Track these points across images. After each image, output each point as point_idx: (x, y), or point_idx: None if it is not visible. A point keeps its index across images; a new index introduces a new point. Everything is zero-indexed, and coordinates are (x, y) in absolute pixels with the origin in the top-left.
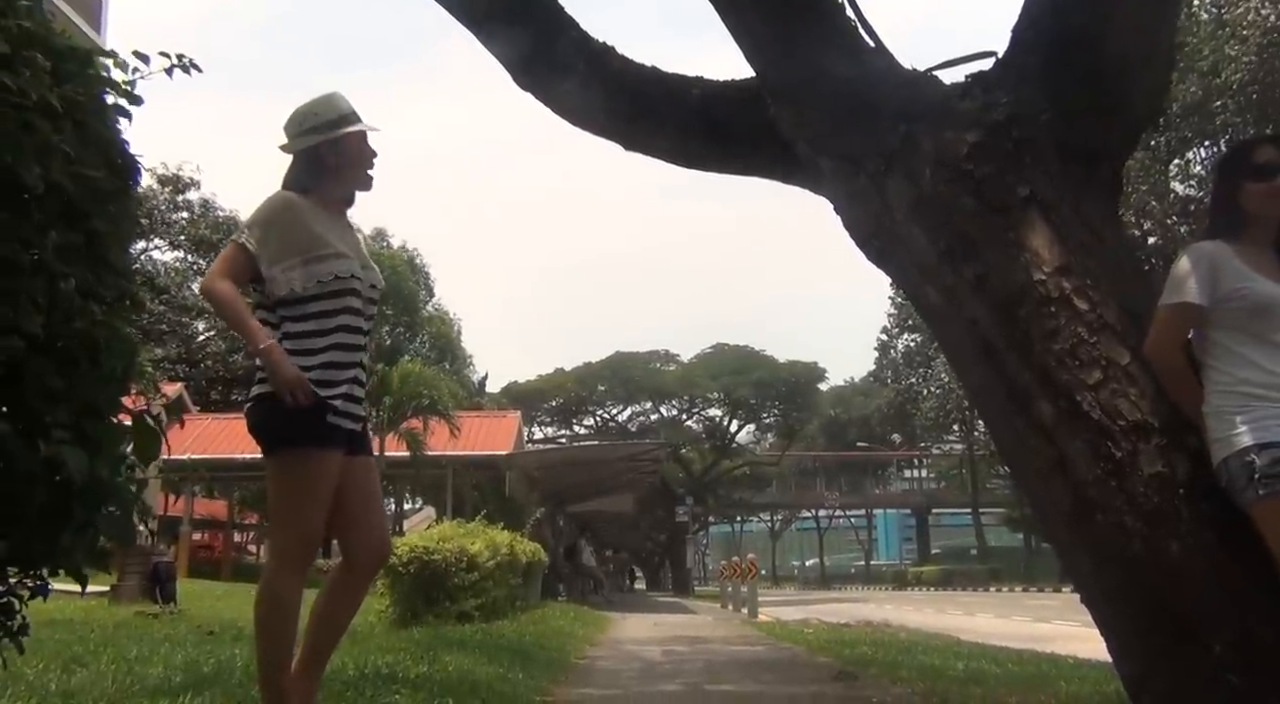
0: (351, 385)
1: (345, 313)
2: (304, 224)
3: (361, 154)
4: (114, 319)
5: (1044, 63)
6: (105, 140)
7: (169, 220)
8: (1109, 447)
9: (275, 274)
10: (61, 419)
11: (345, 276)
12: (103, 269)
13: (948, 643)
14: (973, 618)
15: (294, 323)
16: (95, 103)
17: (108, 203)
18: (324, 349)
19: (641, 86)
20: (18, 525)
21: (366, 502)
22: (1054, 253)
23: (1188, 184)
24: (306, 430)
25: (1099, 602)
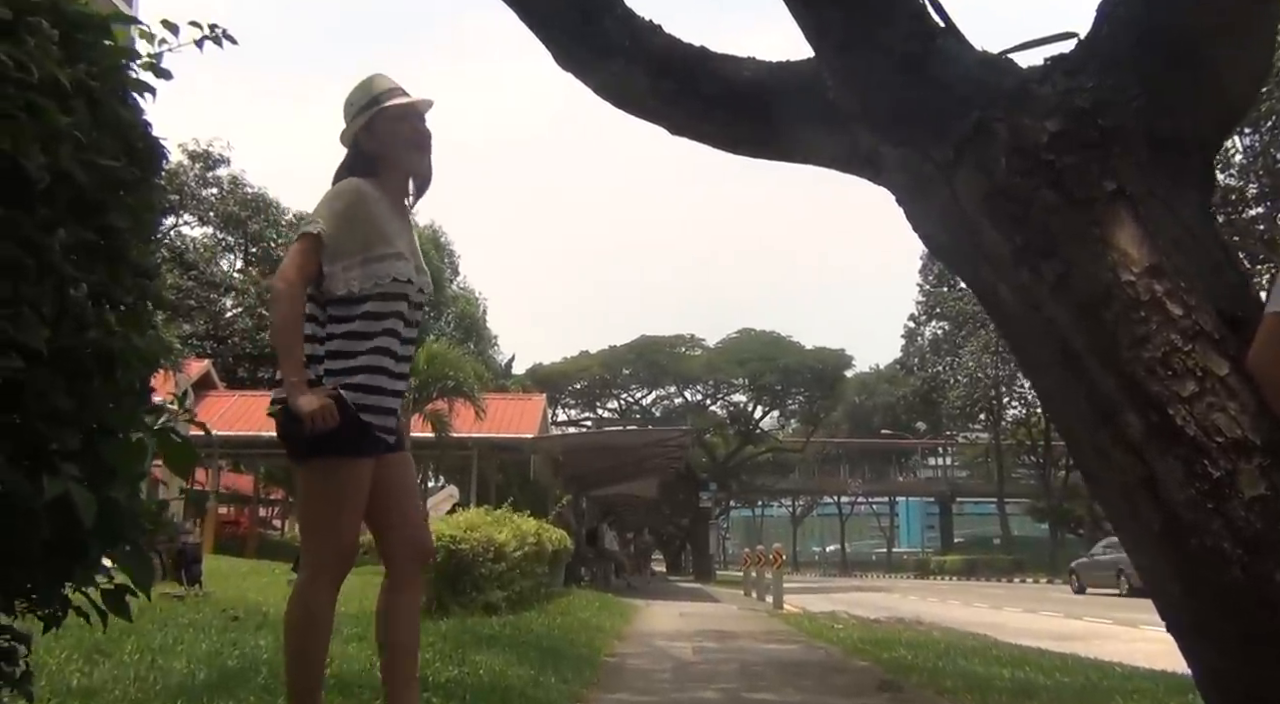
0: (390, 396)
1: (394, 317)
2: (371, 217)
3: (396, 134)
4: (132, 326)
5: (1134, 44)
6: (124, 123)
7: (199, 196)
8: (1205, 465)
9: (335, 271)
10: (70, 445)
11: (403, 280)
12: (120, 269)
13: (985, 644)
14: (1000, 612)
15: (339, 324)
16: (113, 79)
17: (126, 194)
18: (368, 352)
19: (689, 68)
20: (19, 566)
21: (403, 499)
22: (1144, 251)
23: (1228, 173)
24: (339, 439)
25: (1188, 632)
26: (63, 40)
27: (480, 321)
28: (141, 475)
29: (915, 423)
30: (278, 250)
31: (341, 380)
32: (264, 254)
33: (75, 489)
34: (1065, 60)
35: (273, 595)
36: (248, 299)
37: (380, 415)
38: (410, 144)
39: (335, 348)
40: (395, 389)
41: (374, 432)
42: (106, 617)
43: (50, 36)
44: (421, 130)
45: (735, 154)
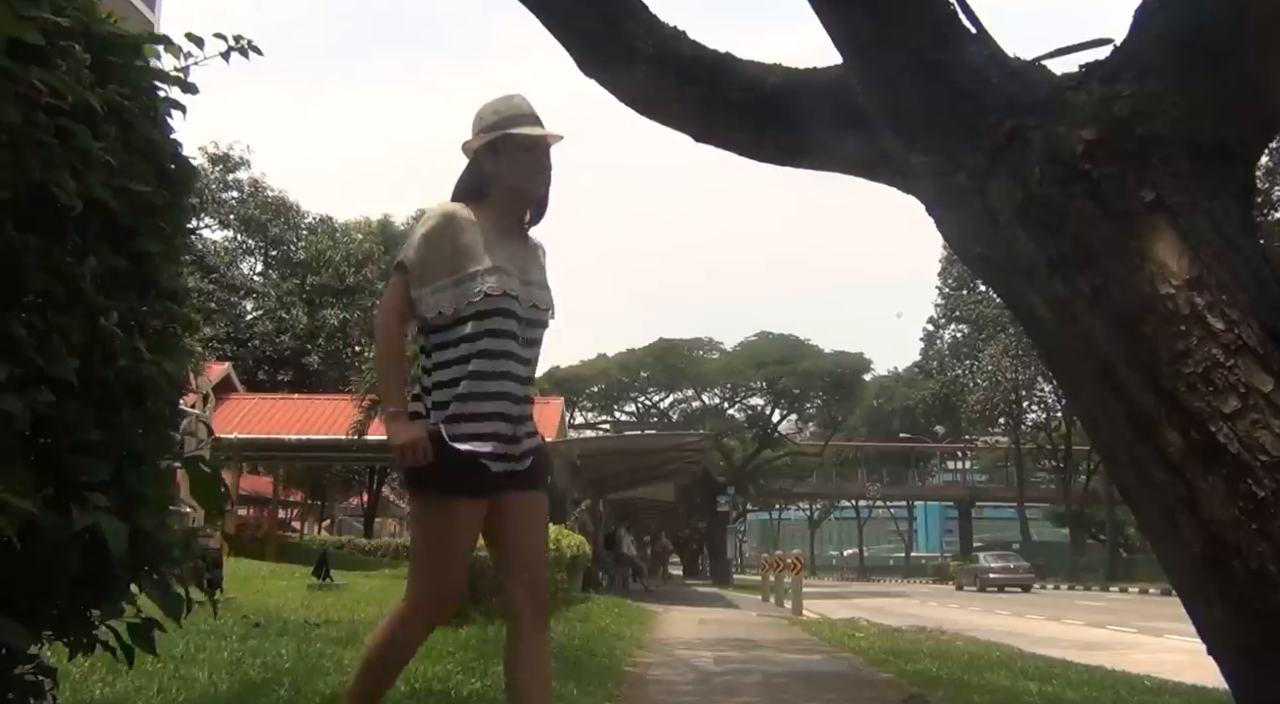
0: (501, 422)
1: (497, 336)
2: (458, 239)
3: (517, 162)
4: (162, 352)
5: (1172, 51)
6: (155, 145)
7: (219, 199)
8: (1249, 484)
9: (424, 295)
10: (99, 476)
11: (497, 294)
12: (151, 296)
13: (1010, 655)
14: (1022, 619)
15: (441, 351)
16: (143, 101)
17: (157, 218)
18: (469, 377)
19: (714, 74)
20: (46, 599)
21: (523, 546)
22: (1184, 264)
23: None
24: (438, 477)
25: (1233, 655)
26: (94, 62)
27: None
28: (170, 502)
29: (934, 426)
30: (298, 253)
31: (444, 412)
32: (284, 257)
33: (104, 519)
34: (1101, 67)
35: (293, 601)
36: (268, 302)
37: (488, 443)
38: (529, 175)
39: (439, 377)
40: (507, 413)
41: (481, 464)
42: (133, 654)
43: (82, 60)
44: (544, 164)
45: (760, 161)
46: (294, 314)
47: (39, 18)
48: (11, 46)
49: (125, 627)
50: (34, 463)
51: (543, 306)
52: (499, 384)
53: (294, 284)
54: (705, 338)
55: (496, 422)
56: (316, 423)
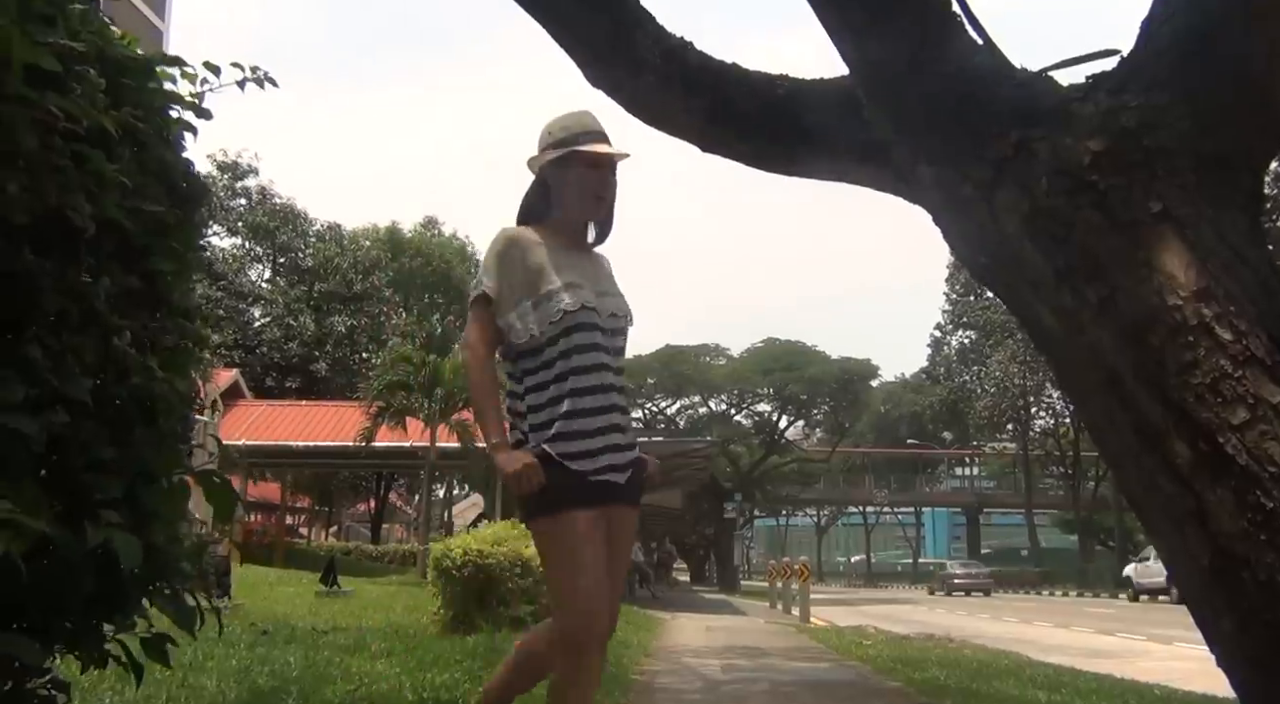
0: (599, 435)
1: (585, 351)
2: (528, 260)
3: (583, 179)
4: (174, 370)
5: (1178, 60)
6: (167, 165)
7: (227, 207)
8: (1258, 496)
9: (512, 322)
10: (112, 493)
11: (575, 309)
12: (163, 314)
13: (1019, 664)
14: (1030, 626)
15: (534, 374)
16: (156, 122)
17: (170, 237)
18: (565, 396)
19: (721, 85)
20: (59, 614)
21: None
22: (1191, 274)
23: None
24: (553, 496)
25: (1243, 667)
26: (109, 85)
27: None
28: (181, 517)
29: (942, 433)
30: (305, 260)
31: (544, 433)
32: (292, 264)
33: (118, 536)
34: (1108, 78)
35: (300, 607)
36: (276, 309)
37: (592, 459)
38: (595, 192)
39: (534, 401)
40: (601, 425)
41: (590, 479)
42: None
43: (97, 85)
44: (607, 181)
45: (767, 171)
46: (302, 321)
47: (55, 44)
48: (28, 72)
49: (138, 641)
50: (45, 480)
51: (621, 314)
52: (602, 397)
53: (302, 291)
54: (712, 344)
55: (610, 434)
56: (324, 429)
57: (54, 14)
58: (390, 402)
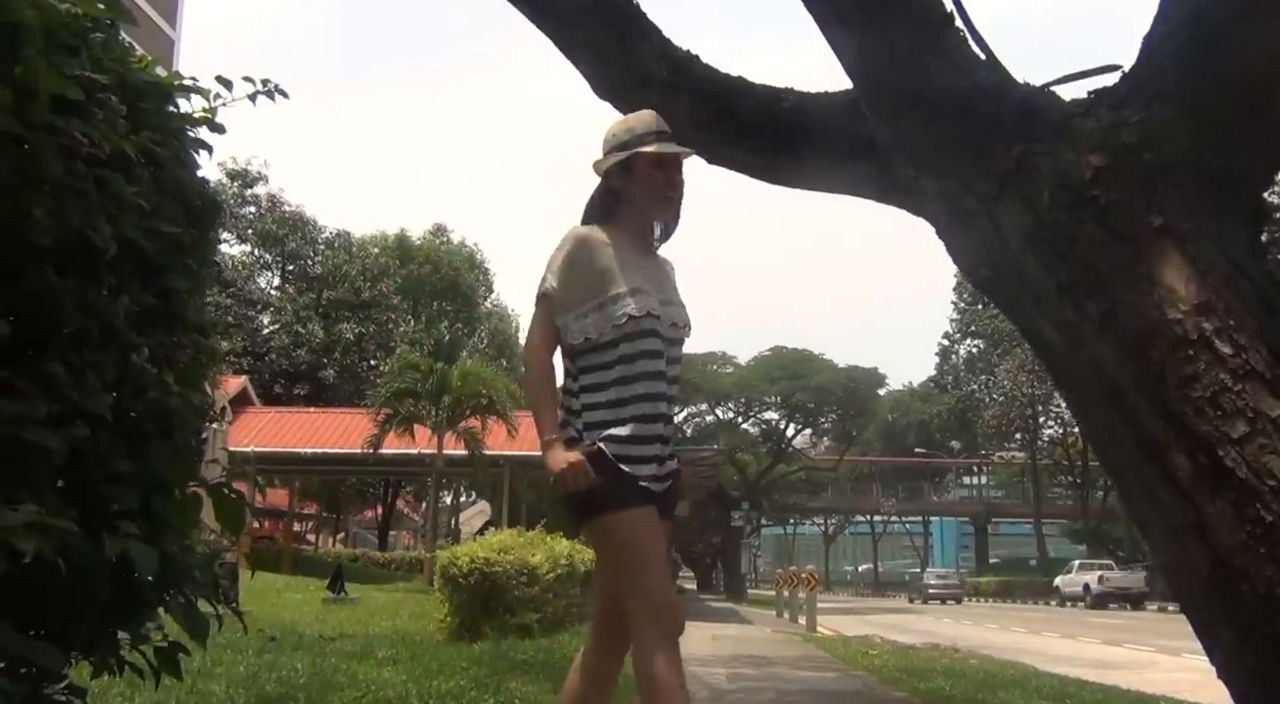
0: (650, 444)
1: (646, 358)
2: (596, 262)
3: (649, 179)
4: (189, 384)
5: (1180, 76)
6: (183, 185)
7: (237, 214)
8: (1257, 508)
9: (569, 322)
10: (129, 504)
11: (640, 315)
12: (179, 330)
13: (1025, 674)
14: (1038, 637)
15: (591, 374)
16: (174, 145)
17: (185, 255)
18: (629, 401)
19: (727, 97)
20: (77, 622)
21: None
22: (1192, 289)
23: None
24: (608, 494)
25: (1242, 678)
26: (128, 110)
27: (513, 338)
28: (194, 527)
29: (950, 442)
30: (314, 268)
31: (599, 433)
32: (301, 272)
33: (134, 546)
34: (1109, 94)
35: (307, 614)
36: (284, 316)
37: (643, 465)
38: (659, 193)
39: (589, 400)
40: (662, 435)
41: (651, 486)
42: (160, 676)
43: (119, 111)
44: (674, 181)
45: (771, 183)
46: (310, 328)
47: (81, 76)
48: (54, 102)
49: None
50: (64, 490)
51: (681, 324)
52: (652, 405)
53: (310, 298)
54: (718, 352)
55: (653, 444)
56: (332, 436)
57: (78, 44)
58: (398, 409)
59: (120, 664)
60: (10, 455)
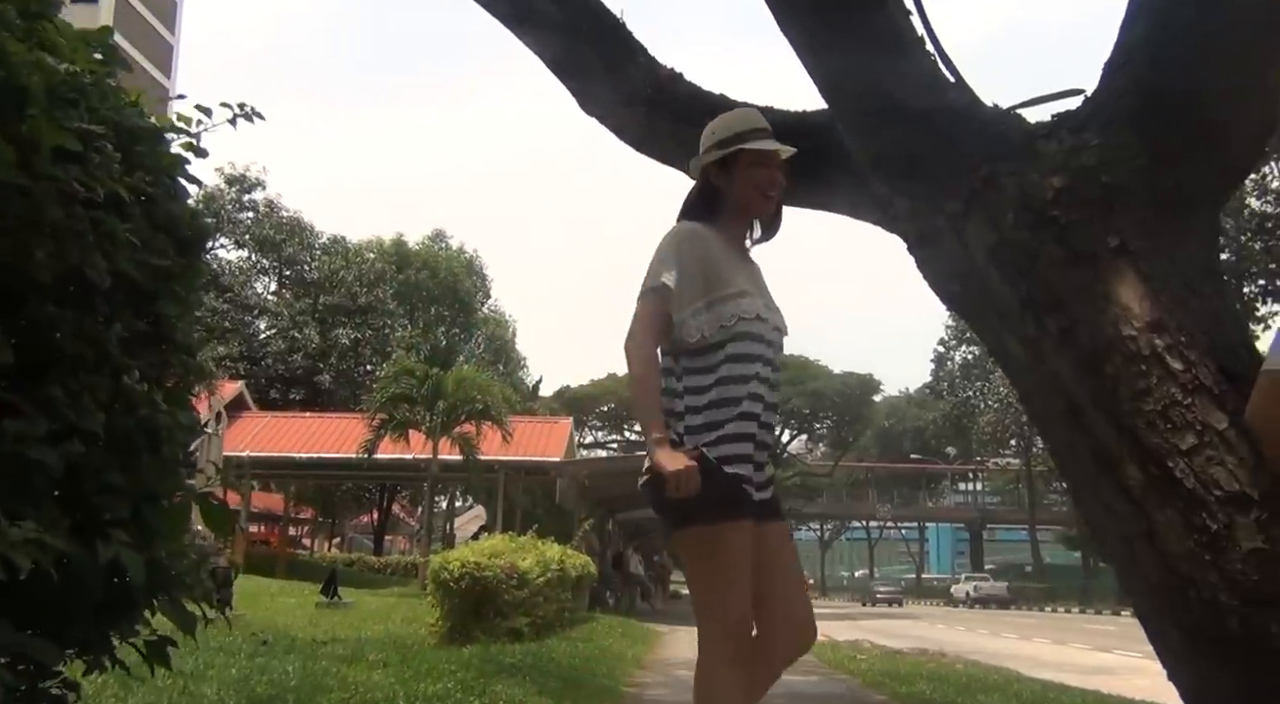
0: (758, 448)
1: (751, 361)
2: (708, 259)
3: (749, 178)
4: (177, 403)
5: (1139, 103)
6: (174, 218)
7: (234, 219)
8: (1203, 518)
9: (685, 318)
10: (121, 514)
11: (750, 317)
12: (168, 352)
13: (1008, 679)
14: (1029, 643)
15: (694, 376)
16: (165, 183)
17: (174, 283)
18: (727, 403)
19: (710, 116)
20: (71, 622)
21: (780, 575)
22: (1145, 307)
23: (1265, 200)
24: (710, 502)
25: (1191, 680)
26: (123, 154)
27: (510, 344)
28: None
29: (945, 448)
30: (311, 273)
31: (702, 437)
32: (297, 277)
33: (125, 554)
34: (1071, 117)
35: (301, 618)
36: (281, 322)
37: (749, 468)
38: (760, 191)
39: (692, 402)
40: (763, 440)
41: (746, 489)
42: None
43: (114, 157)
44: (775, 179)
45: None
46: (306, 333)
47: (79, 127)
48: (54, 152)
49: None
50: (60, 501)
51: (782, 329)
52: (753, 406)
53: (307, 303)
54: None
55: (757, 449)
56: (327, 441)
57: (77, 97)
58: (393, 414)
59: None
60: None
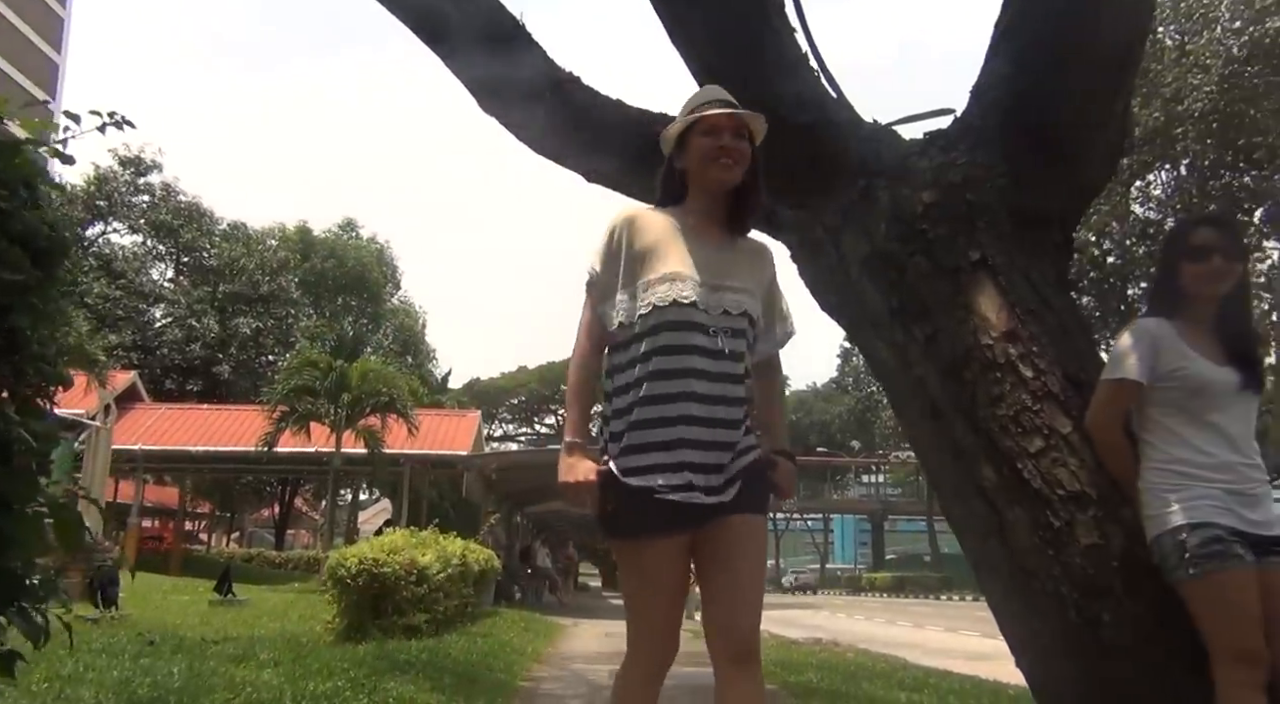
0: (689, 449)
1: (675, 353)
2: (635, 245)
3: (699, 147)
4: (30, 414)
5: (1000, 125)
6: (31, 230)
7: (129, 203)
8: (1048, 516)
9: (607, 310)
10: None
11: (663, 305)
12: (24, 362)
13: (894, 666)
14: (922, 630)
15: (623, 373)
16: (22, 195)
17: (30, 296)
18: (640, 403)
19: (606, 121)
20: None
21: (726, 580)
22: (1002, 317)
23: (1147, 207)
24: (614, 520)
25: (1036, 667)
26: None
27: (419, 335)
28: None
29: (850, 441)
30: (210, 260)
31: (620, 443)
32: (196, 264)
33: None
34: (942, 136)
35: (192, 616)
36: (178, 310)
37: (662, 475)
38: (707, 160)
39: (618, 404)
40: (692, 439)
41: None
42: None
43: None
44: (728, 146)
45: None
46: (205, 322)
47: None
48: None
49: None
50: None
51: (738, 312)
52: (678, 407)
53: (205, 292)
54: None
55: (679, 450)
56: (226, 434)
57: None
58: (295, 406)
59: None
60: None
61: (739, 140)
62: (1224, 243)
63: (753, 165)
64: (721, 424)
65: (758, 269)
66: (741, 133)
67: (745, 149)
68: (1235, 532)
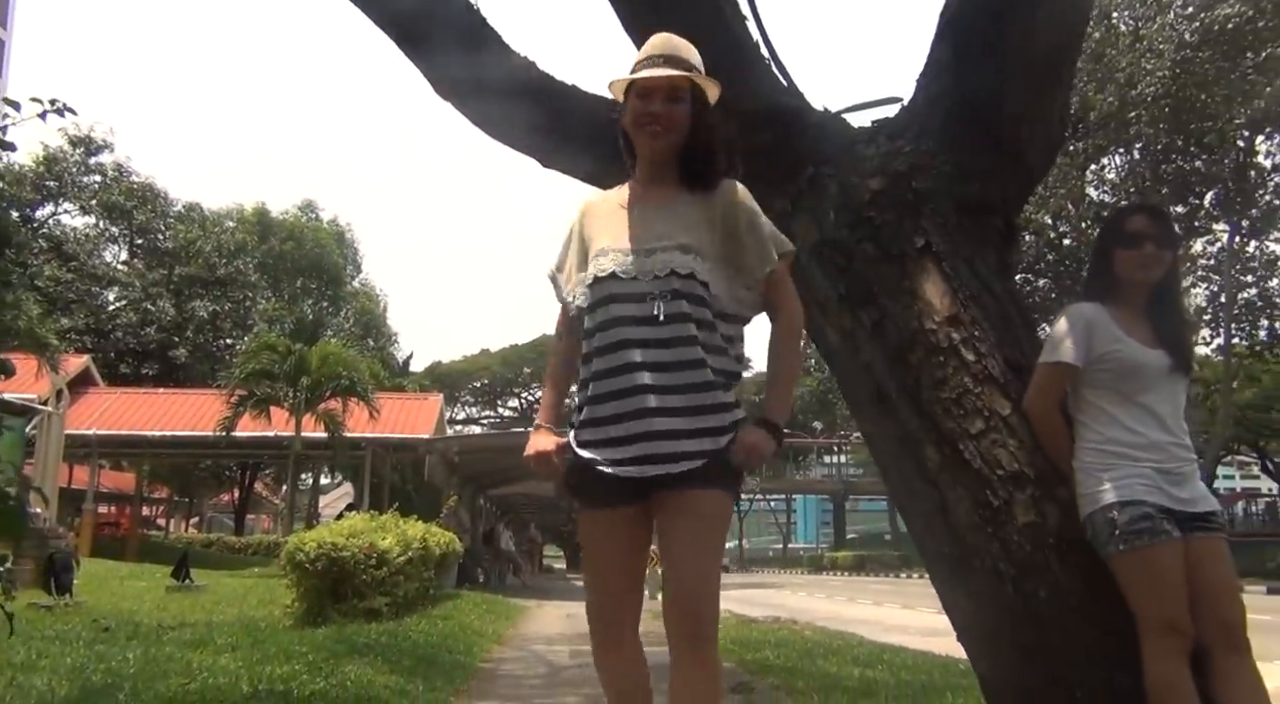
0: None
1: (610, 327)
2: (586, 228)
3: (634, 112)
4: None
5: (944, 115)
6: None
7: (80, 183)
8: (987, 495)
9: (566, 297)
10: None
11: (590, 283)
12: None
13: (849, 644)
14: (880, 608)
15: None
16: None
17: None
18: (591, 378)
19: (560, 106)
20: None
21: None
22: (945, 303)
23: (1102, 190)
24: (571, 488)
25: (975, 638)
26: None
27: (380, 318)
28: None
29: (812, 422)
30: (165, 242)
31: (579, 417)
32: (150, 246)
33: None
34: (890, 124)
35: (147, 605)
36: (132, 293)
37: (614, 448)
38: (638, 126)
39: (582, 381)
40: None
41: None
42: None
43: None
44: (656, 112)
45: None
46: (160, 306)
47: None
48: None
49: None
50: None
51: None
52: (624, 379)
53: (161, 274)
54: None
55: (630, 421)
56: (182, 418)
57: None
58: (253, 390)
59: None
60: None
61: (672, 104)
62: (1157, 230)
63: (705, 124)
64: (681, 390)
65: (704, 213)
66: (678, 96)
67: (678, 114)
68: (1163, 509)
